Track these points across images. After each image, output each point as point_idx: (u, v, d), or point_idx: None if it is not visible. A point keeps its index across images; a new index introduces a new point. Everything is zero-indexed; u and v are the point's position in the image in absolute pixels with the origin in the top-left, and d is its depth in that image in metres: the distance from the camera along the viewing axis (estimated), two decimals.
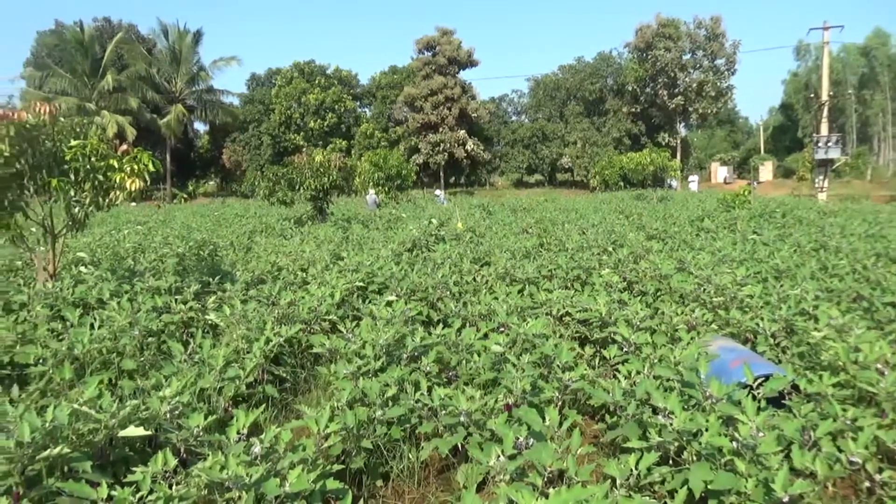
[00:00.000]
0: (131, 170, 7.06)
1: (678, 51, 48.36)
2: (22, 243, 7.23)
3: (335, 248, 10.89)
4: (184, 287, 7.16)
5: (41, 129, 6.79)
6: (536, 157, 54.86)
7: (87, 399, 3.43)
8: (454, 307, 6.27)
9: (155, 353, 5.31)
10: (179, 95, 49.15)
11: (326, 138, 52.35)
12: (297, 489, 2.72)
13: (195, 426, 3.40)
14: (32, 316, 6.06)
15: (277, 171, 20.12)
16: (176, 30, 48.78)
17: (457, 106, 49.70)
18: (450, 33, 51.07)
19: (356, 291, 7.25)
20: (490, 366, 4.51)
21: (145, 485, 2.72)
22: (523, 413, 3.44)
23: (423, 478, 3.74)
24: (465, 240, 12.04)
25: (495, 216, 18.91)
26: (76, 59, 44.67)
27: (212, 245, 11.98)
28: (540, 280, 7.75)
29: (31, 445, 2.89)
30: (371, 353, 4.58)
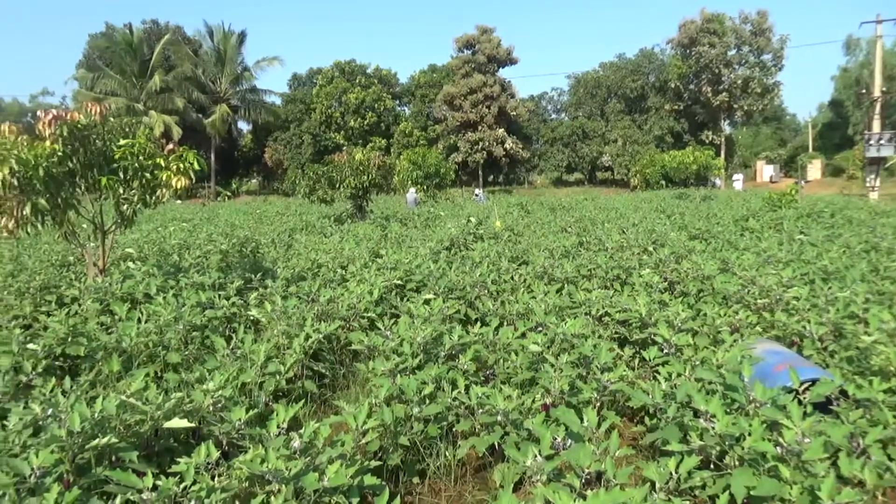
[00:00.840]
0: (177, 168, 7.23)
1: (723, 46, 47.27)
2: (74, 239, 7.49)
3: (374, 245, 10.98)
4: (227, 283, 7.31)
5: (92, 129, 7.02)
6: (576, 155, 54.35)
7: (134, 391, 3.54)
8: (492, 306, 6.26)
9: (199, 347, 5.43)
10: (224, 95, 50.17)
11: (366, 137, 52.78)
12: (336, 484, 2.75)
13: (237, 420, 3.47)
14: (83, 310, 6.28)
15: (318, 170, 20.37)
16: (221, 31, 49.81)
17: (496, 104, 49.54)
18: (489, 31, 50.94)
19: (394, 289, 7.29)
20: (528, 365, 4.49)
21: (189, 476, 2.78)
22: (561, 413, 3.42)
23: (460, 476, 3.74)
24: (504, 238, 11.99)
25: (534, 215, 18.80)
26: (125, 61, 46.02)
27: (254, 242, 12.21)
28: (579, 279, 7.68)
29: (80, 435, 2.99)
30: (409, 351, 4.60)
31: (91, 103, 7.14)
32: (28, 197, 6.69)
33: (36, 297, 7.12)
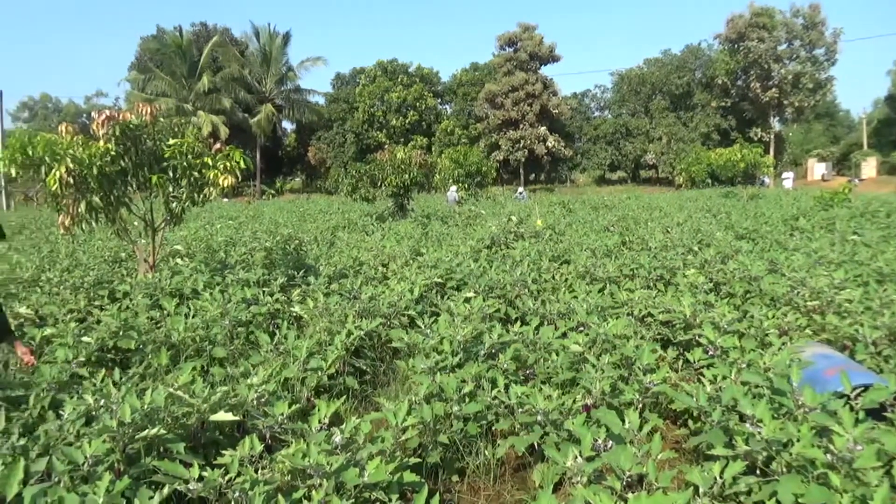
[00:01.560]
0: (224, 167, 7.40)
1: (773, 41, 46.00)
2: (126, 236, 7.73)
3: (415, 244, 11.03)
4: (271, 280, 7.44)
5: (143, 129, 7.23)
6: (619, 153, 53.62)
7: (181, 384, 3.64)
8: (532, 305, 6.22)
9: (243, 342, 5.55)
10: (269, 95, 51.07)
11: (408, 135, 53.06)
12: (376, 480, 2.78)
13: (280, 414, 3.53)
14: (134, 304, 6.47)
15: (360, 168, 20.58)
16: (267, 32, 50.71)
17: (538, 102, 49.22)
18: (531, 29, 50.63)
19: (435, 287, 7.32)
20: (568, 365, 4.45)
21: (233, 468, 2.85)
22: (602, 414, 3.38)
23: (499, 475, 3.73)
24: (545, 237, 11.91)
25: (576, 214, 18.61)
26: (175, 63, 47.29)
27: (297, 240, 12.40)
28: (621, 279, 7.57)
29: (131, 426, 3.08)
30: (449, 349, 4.61)
31: (142, 104, 7.35)
32: (83, 195, 6.93)
33: (90, 291, 7.37)
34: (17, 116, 60.56)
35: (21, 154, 6.48)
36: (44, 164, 6.61)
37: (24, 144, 6.47)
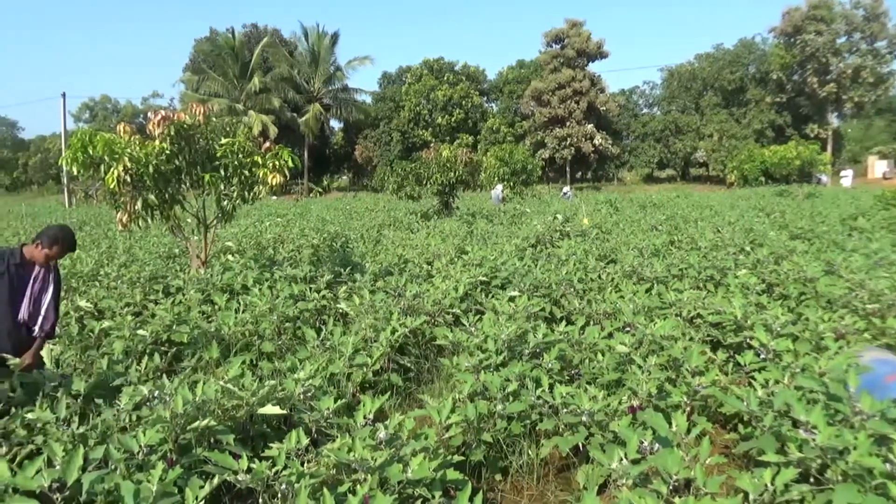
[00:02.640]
0: (273, 166, 7.54)
1: (831, 34, 44.31)
2: (179, 233, 7.96)
3: (460, 242, 11.05)
4: (318, 276, 7.56)
5: (197, 129, 7.42)
6: (668, 151, 52.51)
7: (231, 377, 3.74)
8: (578, 304, 6.16)
9: (291, 337, 5.65)
10: (317, 95, 51.80)
11: (453, 134, 53.08)
12: (419, 476, 2.80)
13: (325, 409, 3.58)
14: (187, 299, 6.66)
15: (406, 167, 20.71)
16: (315, 32, 51.42)
17: (585, 99, 48.60)
18: (579, 25, 50.01)
19: (479, 286, 7.31)
20: (614, 366, 4.39)
21: (280, 460, 2.90)
22: (648, 417, 3.32)
23: (543, 475, 3.71)
24: (591, 236, 11.78)
25: (623, 212, 18.34)
26: (227, 64, 48.42)
27: (343, 237, 12.57)
28: (669, 279, 7.43)
29: (183, 417, 3.18)
30: (493, 348, 4.61)
31: (196, 104, 7.55)
32: (139, 193, 7.16)
33: (145, 286, 7.62)
34: (78, 117, 62.85)
35: (82, 153, 6.73)
36: (103, 163, 6.85)
37: (84, 144, 6.72)
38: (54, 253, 4.16)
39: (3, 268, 4.06)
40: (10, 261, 4.11)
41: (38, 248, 4.13)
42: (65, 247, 4.23)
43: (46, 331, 4.23)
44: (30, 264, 4.17)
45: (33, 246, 4.16)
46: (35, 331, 4.18)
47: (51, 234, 4.16)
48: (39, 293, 4.19)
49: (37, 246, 4.14)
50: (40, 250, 4.12)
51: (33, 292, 4.15)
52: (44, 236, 4.15)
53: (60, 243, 4.19)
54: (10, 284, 4.07)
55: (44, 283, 4.21)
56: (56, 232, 4.21)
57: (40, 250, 4.12)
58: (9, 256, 4.13)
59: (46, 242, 4.12)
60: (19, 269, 4.14)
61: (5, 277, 4.06)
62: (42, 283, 4.20)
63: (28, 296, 4.13)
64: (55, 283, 4.31)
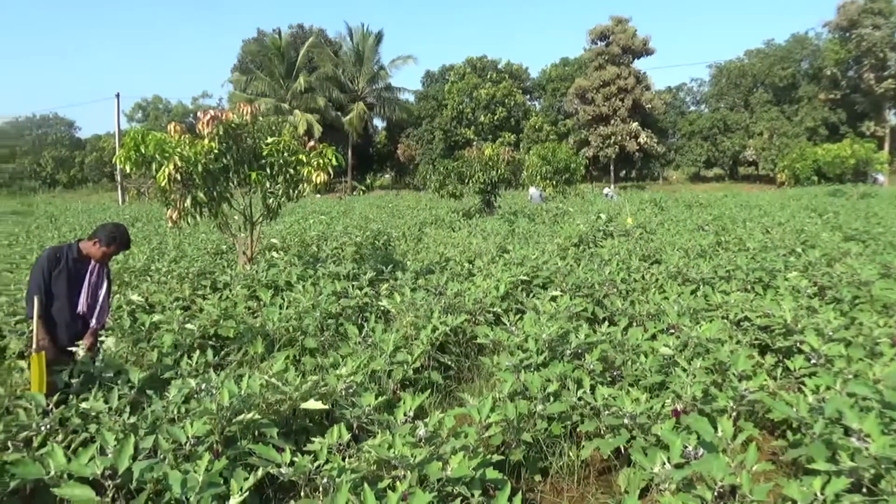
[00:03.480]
0: (317, 164, 7.65)
1: (889, 27, 42.56)
2: (227, 229, 8.14)
3: (501, 240, 11.02)
4: (360, 274, 7.64)
5: (244, 128, 7.58)
6: (716, 149, 51.29)
7: (275, 372, 3.81)
8: (621, 305, 6.08)
9: (333, 333, 5.73)
10: (361, 94, 52.30)
11: (496, 132, 52.93)
12: (458, 475, 2.80)
13: (366, 405, 3.62)
14: (233, 294, 6.82)
15: (448, 165, 20.74)
16: (360, 32, 51.94)
17: (630, 97, 47.87)
18: (624, 22, 49.28)
19: (521, 285, 7.28)
20: (658, 368, 4.32)
21: (322, 455, 2.95)
22: (693, 421, 3.26)
23: (583, 477, 3.68)
24: (635, 236, 11.60)
25: (668, 212, 18.01)
26: (274, 64, 49.32)
27: (386, 235, 12.67)
28: (716, 281, 7.26)
29: (228, 409, 3.26)
30: (534, 347, 4.58)
31: (243, 104, 7.71)
32: (189, 190, 7.35)
33: (194, 281, 7.83)
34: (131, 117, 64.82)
35: (135, 152, 6.95)
36: (154, 161, 7.05)
37: (137, 143, 6.94)
38: (111, 251, 4.35)
39: (62, 263, 4.26)
40: (68, 256, 4.31)
41: (95, 245, 4.31)
42: (121, 245, 4.42)
43: (102, 322, 4.44)
44: (85, 259, 4.36)
45: (90, 242, 4.35)
46: (92, 323, 4.38)
47: (109, 233, 4.35)
48: (96, 287, 4.39)
49: (94, 243, 4.32)
50: (98, 248, 4.30)
51: (90, 286, 4.35)
52: (102, 234, 4.33)
53: (117, 242, 4.39)
54: (68, 279, 4.27)
55: (99, 278, 4.41)
56: (113, 230, 4.39)
57: (98, 248, 4.30)
58: (66, 252, 4.32)
59: (105, 241, 4.30)
60: (77, 264, 4.34)
61: (64, 272, 4.26)
62: (98, 277, 4.40)
63: (86, 289, 4.33)
64: (108, 277, 4.51)
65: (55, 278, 4.24)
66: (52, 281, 4.23)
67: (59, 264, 4.26)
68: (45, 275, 4.21)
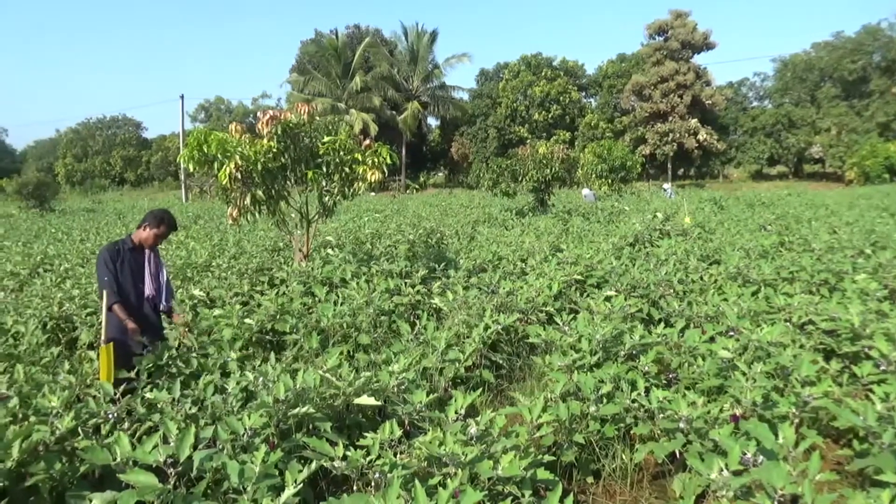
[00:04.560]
0: (372, 163, 7.74)
1: None
2: (284, 227, 8.33)
3: (555, 239, 10.92)
4: (413, 272, 7.70)
5: (302, 128, 7.73)
6: (780, 146, 49.46)
7: (329, 367, 3.88)
8: (678, 306, 5.94)
9: (386, 330, 5.79)
10: (415, 93, 52.65)
11: (550, 130, 52.47)
12: (509, 474, 2.80)
13: (418, 402, 3.65)
14: (290, 290, 6.97)
15: (501, 163, 20.66)
16: (415, 31, 52.30)
17: (689, 93, 46.66)
18: (684, 15, 48.06)
19: (574, 284, 7.21)
20: (715, 372, 4.20)
21: (374, 450, 2.99)
22: (752, 427, 3.15)
23: (636, 481, 3.62)
24: (693, 236, 11.32)
25: (728, 211, 17.49)
26: (331, 64, 50.19)
27: (439, 233, 12.72)
28: (778, 282, 7.01)
29: (284, 403, 3.33)
30: (587, 348, 4.53)
31: (301, 104, 7.86)
32: (248, 188, 7.55)
33: (252, 277, 8.05)
34: (194, 117, 67.08)
35: (198, 152, 7.17)
36: (216, 160, 7.27)
37: (200, 143, 7.16)
38: (161, 231, 4.65)
39: (121, 255, 4.56)
40: (124, 247, 4.64)
41: (145, 230, 4.63)
42: (168, 226, 4.72)
43: (171, 303, 4.77)
44: (140, 248, 4.67)
45: (140, 229, 4.68)
46: (161, 305, 4.65)
47: (156, 215, 4.69)
48: (157, 271, 4.71)
49: (144, 228, 4.63)
50: (148, 231, 4.61)
51: (152, 272, 4.63)
52: (150, 218, 4.69)
53: (165, 223, 4.69)
54: (129, 268, 4.58)
55: (157, 264, 4.69)
56: (160, 213, 4.73)
57: (148, 231, 4.61)
58: (122, 244, 4.67)
59: (154, 223, 4.62)
60: (134, 254, 4.67)
61: (126, 263, 4.57)
62: (156, 263, 4.69)
63: (148, 275, 4.62)
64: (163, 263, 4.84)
65: (119, 270, 4.52)
66: (118, 272, 4.50)
67: (119, 256, 4.55)
68: (111, 266, 4.47)
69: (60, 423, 3.10)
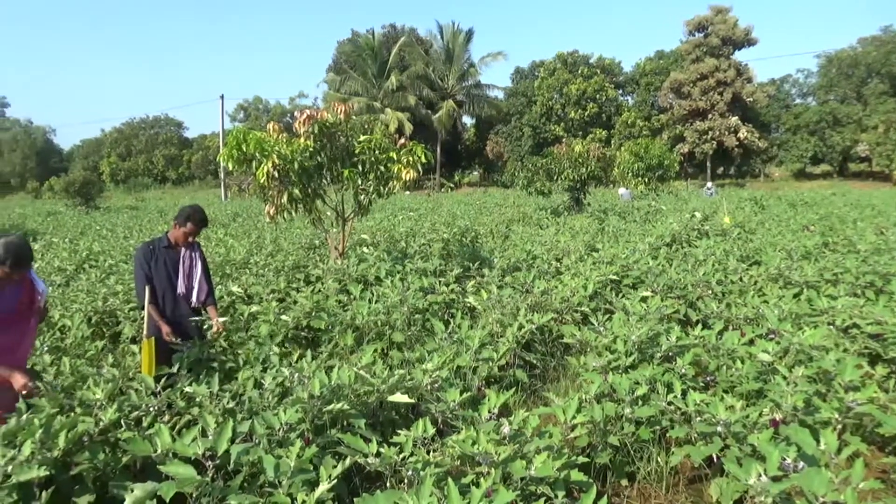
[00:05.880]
0: (407, 161, 7.77)
1: None
2: (320, 225, 8.42)
3: (590, 239, 10.82)
4: (447, 270, 7.71)
5: (338, 127, 7.81)
6: (824, 144, 48.13)
7: (364, 364, 3.92)
8: (716, 308, 5.84)
9: (420, 328, 5.82)
10: (450, 91, 52.69)
11: (586, 128, 52.01)
12: (542, 474, 2.78)
13: (451, 400, 3.66)
14: (325, 288, 7.05)
15: (537, 162, 20.55)
16: (450, 30, 52.33)
17: (729, 90, 45.75)
18: (724, 11, 47.13)
19: (609, 284, 7.13)
20: (755, 375, 4.12)
21: (407, 447, 3.00)
22: (793, 432, 3.08)
23: (672, 484, 3.56)
24: (733, 236, 11.09)
25: (769, 210, 17.10)
26: (367, 63, 50.56)
27: (473, 232, 12.71)
28: (822, 284, 6.83)
29: (319, 399, 3.37)
30: (622, 349, 4.48)
31: (337, 103, 7.93)
32: (285, 187, 7.65)
33: (289, 274, 8.16)
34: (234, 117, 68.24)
35: (237, 151, 7.30)
36: (254, 159, 7.39)
37: (239, 142, 7.28)
38: (189, 229, 4.74)
39: (156, 253, 4.73)
40: (158, 245, 4.78)
41: (176, 227, 4.79)
42: (196, 222, 4.80)
43: (203, 301, 4.85)
44: (176, 246, 4.78)
45: (173, 227, 4.78)
46: (192, 302, 4.77)
47: (184, 213, 4.78)
48: (190, 269, 4.81)
49: (175, 226, 4.80)
50: (178, 228, 4.77)
51: (185, 269, 4.75)
52: (179, 216, 4.80)
53: (192, 219, 4.76)
54: (164, 265, 4.72)
55: (192, 261, 4.81)
56: (188, 210, 4.80)
57: (178, 228, 4.77)
58: (157, 242, 4.81)
59: (181, 220, 4.77)
60: (169, 251, 4.79)
61: (160, 261, 4.73)
62: (190, 260, 4.82)
63: (181, 273, 4.73)
64: (201, 259, 4.93)
65: (154, 268, 4.65)
66: (152, 270, 4.62)
67: (153, 255, 4.68)
68: (145, 266, 4.61)
69: (104, 415, 3.19)
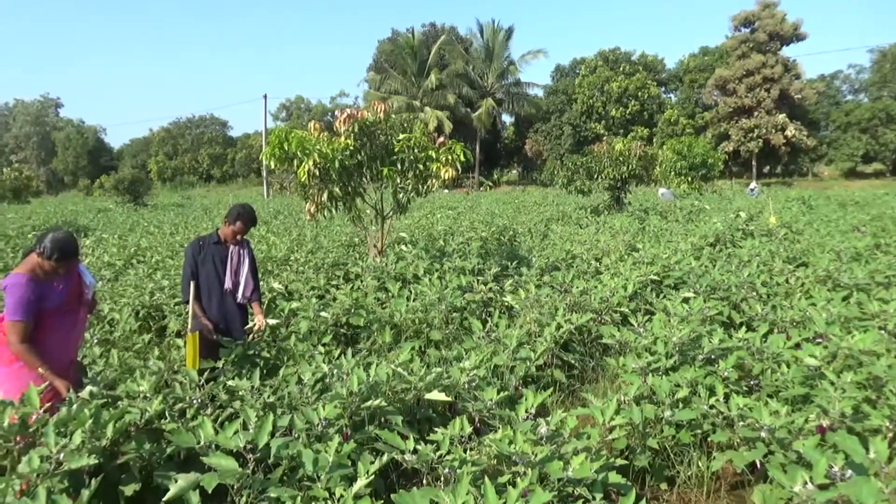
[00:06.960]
0: (446, 160, 7.79)
1: None
2: (359, 223, 8.51)
3: (631, 238, 10.68)
4: (485, 269, 7.70)
5: (377, 126, 7.87)
6: (876, 142, 46.48)
7: (401, 362, 3.94)
8: (761, 310, 5.69)
9: (457, 327, 5.82)
10: (490, 90, 52.56)
11: (627, 126, 51.29)
12: (580, 476, 2.76)
13: (488, 399, 3.65)
14: (364, 285, 7.12)
15: (576, 160, 20.37)
16: (490, 28, 52.17)
17: (776, 87, 44.53)
18: (772, 6, 45.89)
19: (650, 284, 7.02)
20: (801, 380, 4.00)
21: (444, 445, 3.01)
22: (840, 439, 2.99)
23: (713, 490, 3.50)
24: (779, 236, 10.81)
25: (817, 211, 16.61)
26: (406, 62, 50.79)
27: (511, 231, 12.66)
28: (872, 287, 6.60)
29: (358, 395, 3.41)
30: (663, 350, 4.41)
31: (377, 102, 8.00)
32: (326, 185, 7.75)
33: (328, 272, 8.26)
34: (276, 116, 69.42)
35: (279, 149, 7.42)
36: (296, 157, 7.50)
37: (281, 141, 7.41)
38: (238, 228, 4.84)
39: (205, 249, 4.83)
40: (208, 241, 4.88)
41: (226, 225, 4.88)
42: (245, 221, 4.89)
43: (248, 297, 4.94)
44: (225, 243, 4.89)
45: (223, 225, 4.86)
46: (238, 298, 4.86)
47: (233, 212, 4.87)
48: (238, 266, 4.90)
49: (225, 224, 4.89)
50: (227, 227, 4.88)
51: (232, 266, 4.84)
52: (229, 215, 4.90)
53: (242, 218, 4.85)
54: (213, 261, 4.82)
55: (240, 258, 4.91)
56: (237, 209, 4.89)
57: (227, 227, 4.88)
58: (207, 239, 4.91)
59: (231, 219, 4.87)
60: (218, 248, 4.88)
61: (209, 257, 4.83)
62: (238, 257, 4.91)
63: (229, 269, 4.83)
64: (250, 256, 5.00)
65: (201, 263, 4.79)
66: (200, 266, 4.74)
67: (203, 251, 4.79)
68: (192, 262, 4.72)
69: (149, 407, 3.29)
